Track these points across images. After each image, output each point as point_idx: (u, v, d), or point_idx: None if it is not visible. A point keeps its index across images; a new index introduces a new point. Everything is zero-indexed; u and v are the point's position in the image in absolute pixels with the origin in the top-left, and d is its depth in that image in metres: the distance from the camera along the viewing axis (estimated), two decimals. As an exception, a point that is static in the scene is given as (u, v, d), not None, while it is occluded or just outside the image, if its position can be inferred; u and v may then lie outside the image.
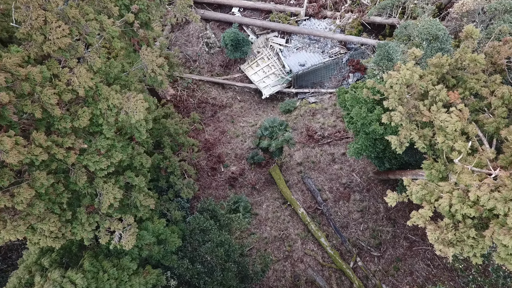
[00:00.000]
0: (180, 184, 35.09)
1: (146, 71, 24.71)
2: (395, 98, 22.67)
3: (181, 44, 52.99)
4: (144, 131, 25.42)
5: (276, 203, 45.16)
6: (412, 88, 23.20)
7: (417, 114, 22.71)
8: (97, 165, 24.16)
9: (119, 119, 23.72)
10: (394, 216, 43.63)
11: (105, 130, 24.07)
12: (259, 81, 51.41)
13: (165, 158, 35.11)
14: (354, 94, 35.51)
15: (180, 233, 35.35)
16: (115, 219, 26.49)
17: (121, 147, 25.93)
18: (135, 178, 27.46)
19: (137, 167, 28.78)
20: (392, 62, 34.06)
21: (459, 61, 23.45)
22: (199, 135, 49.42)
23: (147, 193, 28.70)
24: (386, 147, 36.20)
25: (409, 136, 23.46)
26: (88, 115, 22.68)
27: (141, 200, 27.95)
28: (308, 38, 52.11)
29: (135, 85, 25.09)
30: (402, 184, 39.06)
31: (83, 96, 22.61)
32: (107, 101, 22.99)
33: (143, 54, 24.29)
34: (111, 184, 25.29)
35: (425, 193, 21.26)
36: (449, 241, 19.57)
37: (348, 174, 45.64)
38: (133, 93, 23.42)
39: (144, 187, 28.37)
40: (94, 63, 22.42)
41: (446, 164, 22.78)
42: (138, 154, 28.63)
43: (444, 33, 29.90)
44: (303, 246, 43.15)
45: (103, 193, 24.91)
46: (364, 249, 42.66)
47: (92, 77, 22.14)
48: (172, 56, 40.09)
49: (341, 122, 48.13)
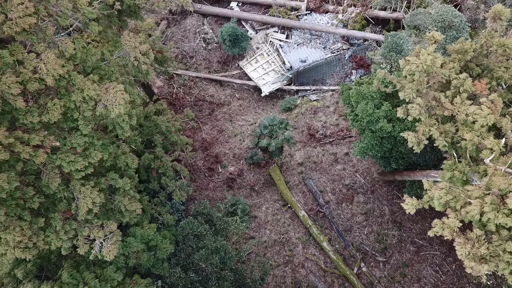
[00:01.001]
0: (173, 186, 31.45)
1: (128, 59, 21.00)
2: (412, 88, 19.00)
3: (178, 40, 49.39)
4: (127, 127, 21.75)
5: (276, 205, 41.79)
6: (433, 77, 19.50)
7: (437, 107, 19.05)
8: (72, 166, 20.51)
9: (97, 113, 20.06)
10: (400, 219, 40.15)
11: (81, 126, 20.42)
12: (258, 78, 47.81)
13: (157, 158, 31.48)
14: (359, 89, 32.02)
15: (173, 239, 31.72)
16: (95, 226, 22.84)
17: (102, 145, 22.26)
18: (119, 180, 23.79)
19: (122, 167, 25.10)
20: (401, 54, 30.41)
21: (484, 47, 19.76)
22: (196, 134, 45.88)
23: (133, 196, 25.04)
24: (393, 146, 32.64)
25: (428, 133, 19.75)
26: (59, 108, 19.02)
27: (126, 204, 24.30)
28: (309, 33, 48.46)
29: (116, 76, 21.37)
30: (410, 186, 35.55)
31: (54, 87, 18.97)
32: (82, 92, 19.31)
33: (124, 39, 20.61)
34: (89, 187, 21.65)
35: (450, 199, 17.53)
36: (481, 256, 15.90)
37: (351, 175, 42.16)
38: (113, 84, 19.75)
39: (130, 190, 24.70)
40: (66, 49, 18.74)
41: (470, 164, 19.07)
42: (123, 153, 24.97)
43: (460, 20, 26.28)
44: (304, 251, 39.82)
45: (80, 197, 21.26)
46: (369, 254, 39.27)
47: (63, 64, 18.46)
48: (166, 50, 36.44)
49: (343, 120, 44.57)
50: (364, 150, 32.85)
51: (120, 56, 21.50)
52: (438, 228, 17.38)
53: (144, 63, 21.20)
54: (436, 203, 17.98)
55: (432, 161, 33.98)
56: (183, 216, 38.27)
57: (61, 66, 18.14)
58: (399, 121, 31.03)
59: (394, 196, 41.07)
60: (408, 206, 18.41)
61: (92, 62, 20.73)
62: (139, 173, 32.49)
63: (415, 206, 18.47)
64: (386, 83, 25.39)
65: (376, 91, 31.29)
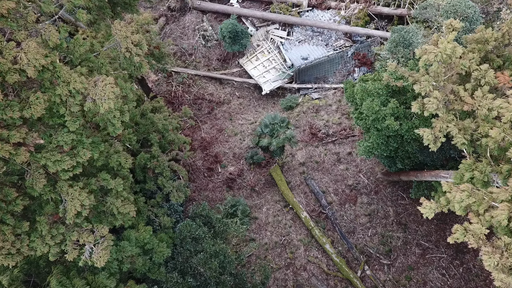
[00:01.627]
0: (170, 187, 29.49)
1: (119, 50, 19.01)
2: (429, 81, 17.01)
3: (176, 37, 47.42)
4: (119, 124, 19.76)
5: (277, 206, 39.88)
6: (451, 69, 17.52)
7: (455, 102, 17.06)
8: (58, 165, 18.53)
9: (85, 109, 18.08)
10: (405, 220, 38.26)
11: (68, 122, 18.43)
12: (259, 76, 45.85)
13: (153, 157, 29.50)
14: (364, 86, 30.12)
15: (170, 242, 29.77)
16: (85, 230, 20.85)
17: (91, 144, 20.27)
18: (111, 181, 21.80)
19: (115, 167, 23.10)
20: (409, 49, 28.44)
21: (506, 36, 17.78)
22: (195, 133, 43.92)
23: (126, 198, 23.04)
24: (400, 145, 30.73)
25: (445, 129, 17.75)
26: (43, 102, 17.02)
27: (119, 206, 22.31)
28: (311, 30, 46.48)
29: (107, 68, 19.40)
30: (417, 187, 33.67)
31: (37, 79, 17.00)
32: (68, 85, 17.32)
33: (115, 28, 18.62)
34: (78, 188, 19.65)
35: (472, 202, 15.53)
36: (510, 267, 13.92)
37: (355, 175, 40.25)
38: (102, 77, 17.77)
39: (123, 191, 22.70)
40: (49, 37, 16.76)
41: (491, 164, 17.08)
42: (116, 152, 22.96)
43: (474, 11, 24.32)
44: (306, 253, 37.97)
45: (68, 199, 19.27)
46: (373, 257, 37.41)
47: (46, 54, 16.47)
48: (163, 46, 34.48)
49: (346, 119, 42.63)
50: (370, 150, 31.03)
51: (111, 47, 19.49)
52: (459, 234, 15.42)
53: (137, 54, 19.21)
54: (457, 207, 16.02)
55: (440, 161, 32.06)
56: (181, 218, 36.31)
57: (43, 56, 16.15)
58: (406, 119, 29.15)
59: (399, 197, 39.15)
60: (426, 210, 16.45)
61: (80, 53, 18.72)
62: (134, 173, 30.57)
63: (433, 210, 16.50)
64: (397, 77, 23.40)
65: (382, 88, 29.39)
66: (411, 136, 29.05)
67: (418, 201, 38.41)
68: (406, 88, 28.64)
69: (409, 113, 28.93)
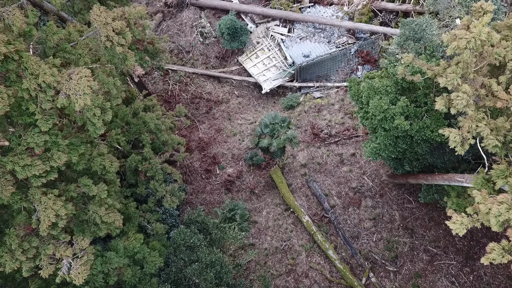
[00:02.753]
0: (163, 191, 26.59)
1: (99, 39, 16.11)
2: (457, 72, 14.12)
3: (173, 34, 44.50)
4: (100, 123, 16.90)
5: (278, 209, 37.15)
6: (482, 58, 14.64)
7: (486, 98, 14.18)
8: (28, 171, 15.67)
9: (58, 105, 15.19)
10: (412, 225, 35.48)
11: (40, 121, 15.56)
12: (259, 74, 42.98)
13: (145, 159, 26.62)
14: (371, 83, 27.31)
15: (163, 250, 26.94)
16: (62, 243, 17.96)
17: (69, 145, 17.38)
18: (93, 187, 18.90)
19: (98, 171, 20.21)
20: (420, 43, 25.58)
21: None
22: (193, 133, 41.09)
23: (111, 205, 20.13)
24: (409, 146, 27.88)
25: (474, 130, 14.87)
26: (7, 98, 14.14)
27: (102, 215, 19.41)
28: (312, 26, 43.57)
29: (85, 60, 16.52)
30: (427, 191, 30.80)
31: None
32: (37, 78, 14.44)
33: (94, 14, 15.72)
34: (52, 196, 16.76)
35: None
36: None
37: (359, 177, 37.45)
38: (77, 69, 14.89)
39: (107, 198, 19.79)
40: (13, 22, 13.88)
41: (527, 170, 14.20)
42: (100, 154, 20.06)
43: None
44: (308, 259, 35.35)
45: (40, 209, 16.37)
46: (378, 263, 34.72)
47: (8, 41, 13.59)
48: (158, 42, 31.55)
49: (349, 119, 39.77)
50: (377, 151, 28.24)
51: (90, 37, 16.60)
52: (496, 254, 12.53)
53: (119, 44, 16.33)
54: (493, 222, 13.14)
55: (451, 163, 29.19)
56: (177, 223, 33.47)
57: (4, 43, 13.26)
58: (417, 118, 26.31)
59: (405, 200, 36.32)
60: (457, 226, 13.56)
61: (55, 43, 15.81)
62: (125, 176, 27.75)
63: (465, 226, 13.63)
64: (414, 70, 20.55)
65: (391, 85, 26.55)
66: (422, 137, 26.28)
67: (427, 205, 35.85)
68: (416, 85, 25.85)
69: (420, 112, 26.16)
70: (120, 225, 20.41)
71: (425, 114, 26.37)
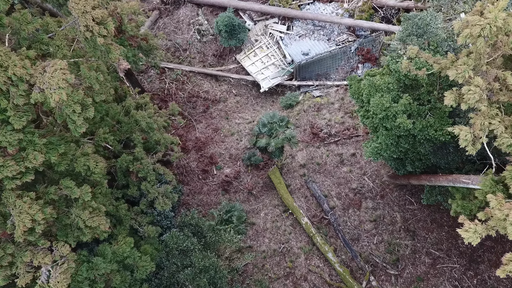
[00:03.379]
0: (155, 192, 25.06)
1: (78, 29, 14.57)
2: (468, 64, 12.56)
3: (170, 32, 42.92)
4: (80, 120, 15.37)
5: (276, 211, 35.55)
6: (496, 49, 13.06)
7: (500, 92, 12.61)
8: (0, 172, 14.11)
9: (32, 101, 13.67)
10: (414, 227, 33.94)
11: (12, 118, 14.03)
12: (257, 72, 41.40)
13: (136, 159, 25.09)
14: (372, 81, 25.83)
15: (155, 254, 25.41)
16: (40, 250, 16.44)
17: (47, 145, 15.85)
18: (76, 189, 17.36)
19: (82, 172, 18.67)
20: (423, 37, 24.04)
21: None
22: (189, 132, 39.54)
23: (96, 209, 18.59)
24: (411, 146, 26.34)
25: (487, 127, 13.30)
26: (-28, 92, 12.64)
27: (86, 219, 17.87)
28: (312, 24, 41.98)
29: (64, 52, 14.98)
30: (429, 192, 29.23)
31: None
32: (6, 71, 12.91)
33: (71, 2, 14.17)
34: (28, 199, 15.22)
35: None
36: None
37: (359, 178, 35.88)
38: (52, 61, 13.36)
39: (91, 201, 18.26)
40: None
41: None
42: (84, 154, 18.52)
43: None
44: (307, 262, 33.79)
45: (14, 213, 14.84)
46: (379, 266, 33.19)
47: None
48: (152, 38, 30.09)
49: (350, 118, 38.17)
50: (378, 151, 26.75)
51: (69, 27, 15.06)
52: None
53: (101, 35, 14.77)
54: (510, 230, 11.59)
55: (455, 164, 27.64)
56: (172, 224, 31.87)
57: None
58: (420, 117, 24.77)
59: (407, 201, 34.76)
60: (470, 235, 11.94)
61: (29, 32, 14.27)
62: (116, 177, 26.24)
63: (479, 234, 12.06)
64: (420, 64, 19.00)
65: (393, 82, 25.02)
66: (425, 136, 24.77)
67: (429, 207, 34.25)
68: (419, 82, 24.31)
69: (423, 110, 24.64)
70: (106, 229, 18.88)
71: (428, 112, 24.87)
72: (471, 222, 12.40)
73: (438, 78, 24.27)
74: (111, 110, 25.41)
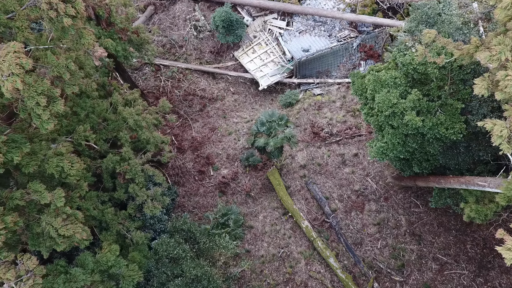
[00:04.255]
0: (143, 196, 22.58)
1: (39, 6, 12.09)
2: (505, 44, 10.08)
3: (166, 28, 40.49)
4: (46, 115, 12.92)
5: (275, 213, 33.20)
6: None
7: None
8: None
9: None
10: (420, 231, 31.54)
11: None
12: (256, 70, 38.94)
13: (123, 160, 22.64)
14: (377, 75, 23.41)
15: (144, 262, 22.92)
16: (3, 263, 13.97)
17: (8, 143, 13.39)
18: (45, 194, 14.89)
19: (56, 175, 16.19)
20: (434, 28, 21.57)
21: None
22: (185, 132, 37.10)
23: (71, 215, 16.12)
24: (420, 146, 23.86)
25: (525, 121, 10.83)
26: None
27: (58, 227, 15.39)
28: (312, 19, 39.47)
29: (25, 35, 12.51)
30: (438, 195, 26.76)
31: None
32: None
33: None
34: (-17, 206, 12.76)
35: None
36: None
37: (362, 179, 33.43)
38: (5, 44, 10.91)
39: (65, 207, 15.79)
40: None
41: None
42: (57, 154, 16.05)
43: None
44: (308, 268, 31.50)
45: (-33, 223, 12.39)
46: (383, 272, 30.89)
47: None
48: (142, 31, 27.66)
49: (352, 117, 35.70)
50: (384, 151, 24.32)
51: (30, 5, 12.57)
52: None
53: (68, 15, 12.28)
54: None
55: (466, 165, 25.14)
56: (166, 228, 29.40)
57: None
58: (429, 114, 22.29)
59: (412, 204, 32.30)
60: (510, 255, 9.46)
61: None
62: (102, 179, 23.79)
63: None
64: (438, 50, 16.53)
65: (400, 76, 22.56)
66: (435, 135, 22.29)
67: (435, 210, 31.72)
68: (429, 76, 21.88)
69: (433, 107, 22.18)
70: (84, 238, 16.38)
71: (438, 109, 22.40)
72: (508, 235, 9.90)
73: (449, 71, 21.87)
74: (97, 107, 22.98)
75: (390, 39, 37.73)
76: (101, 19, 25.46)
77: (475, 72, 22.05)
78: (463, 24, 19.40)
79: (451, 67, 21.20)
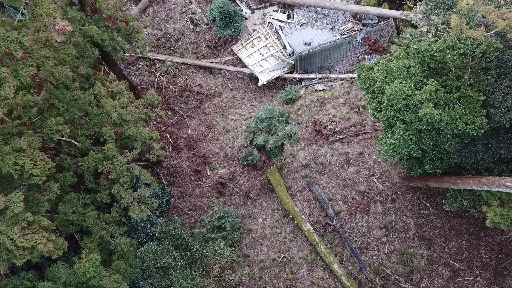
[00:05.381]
0: (129, 198, 19.65)
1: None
2: None
3: (161, 21, 37.54)
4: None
5: (275, 216, 30.65)
6: None
7: None
8: None
9: None
10: (430, 234, 28.79)
11: None
12: (255, 64, 36.04)
13: (106, 158, 19.70)
14: (388, 66, 20.51)
15: (130, 272, 19.97)
16: None
17: None
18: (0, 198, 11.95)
19: (15, 175, 13.23)
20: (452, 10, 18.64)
21: None
22: (181, 129, 34.27)
23: (34, 222, 13.17)
24: (435, 142, 20.92)
25: None
26: None
27: (16, 237, 12.45)
28: (314, 11, 36.52)
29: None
30: (454, 197, 23.97)
31: None
32: None
33: None
34: None
35: None
36: None
37: (367, 180, 30.69)
38: None
39: (25, 213, 12.84)
40: None
41: None
42: (16, 150, 13.10)
43: None
44: (310, 274, 29.02)
45: None
46: (391, 279, 28.38)
47: None
48: (132, 19, 24.74)
49: (356, 114, 32.82)
50: (394, 149, 21.50)
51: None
52: None
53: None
54: None
55: (485, 164, 22.23)
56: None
57: None
58: (447, 107, 19.36)
59: (421, 205, 29.51)
60: None
61: None
62: (83, 179, 20.85)
63: None
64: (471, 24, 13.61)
65: (415, 65, 19.62)
66: (452, 130, 19.39)
67: (446, 212, 28.68)
68: (447, 64, 18.97)
69: (451, 99, 19.26)
70: (48, 249, 13.43)
71: (457, 101, 19.48)
72: None
73: (470, 59, 18.95)
74: (78, 99, 20.05)
75: (396, 32, 34.77)
76: (85, 5, 22.57)
77: (498, 60, 19.20)
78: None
79: (473, 53, 18.28)
